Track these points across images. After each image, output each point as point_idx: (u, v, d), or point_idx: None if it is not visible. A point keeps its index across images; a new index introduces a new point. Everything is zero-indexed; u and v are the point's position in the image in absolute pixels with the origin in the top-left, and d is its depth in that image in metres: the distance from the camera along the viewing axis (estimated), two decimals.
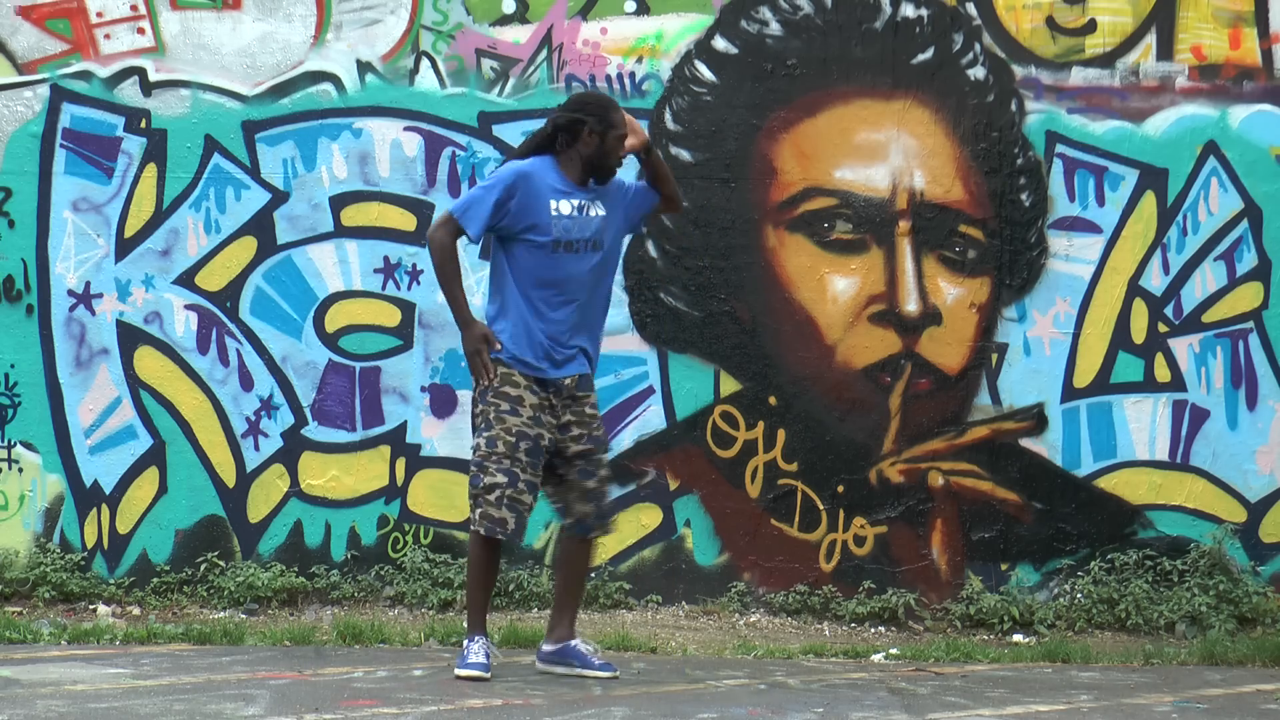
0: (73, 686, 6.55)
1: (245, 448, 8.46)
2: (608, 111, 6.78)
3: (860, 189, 8.44)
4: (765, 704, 6.50)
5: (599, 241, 6.79)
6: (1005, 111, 8.46)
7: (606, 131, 6.75)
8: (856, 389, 8.46)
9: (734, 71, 8.46)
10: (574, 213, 6.74)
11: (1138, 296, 8.49)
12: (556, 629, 6.99)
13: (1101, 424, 8.49)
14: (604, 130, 6.75)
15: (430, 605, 8.29)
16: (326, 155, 8.46)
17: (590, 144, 6.75)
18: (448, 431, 8.46)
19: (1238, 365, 8.49)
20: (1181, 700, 6.81)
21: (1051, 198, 8.47)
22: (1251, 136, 8.48)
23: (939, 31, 8.44)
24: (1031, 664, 7.66)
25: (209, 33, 8.45)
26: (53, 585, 8.29)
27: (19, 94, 8.43)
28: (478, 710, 6.26)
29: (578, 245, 6.74)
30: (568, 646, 6.95)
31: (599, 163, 6.78)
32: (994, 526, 8.47)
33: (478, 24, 8.47)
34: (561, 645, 6.96)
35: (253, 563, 8.43)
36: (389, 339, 8.49)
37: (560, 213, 6.72)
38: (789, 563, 8.45)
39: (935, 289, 8.45)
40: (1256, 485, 8.50)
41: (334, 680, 6.81)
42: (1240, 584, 8.31)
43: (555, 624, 7.01)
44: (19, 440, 8.44)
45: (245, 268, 8.46)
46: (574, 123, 6.75)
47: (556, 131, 6.79)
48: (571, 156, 6.78)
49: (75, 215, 8.43)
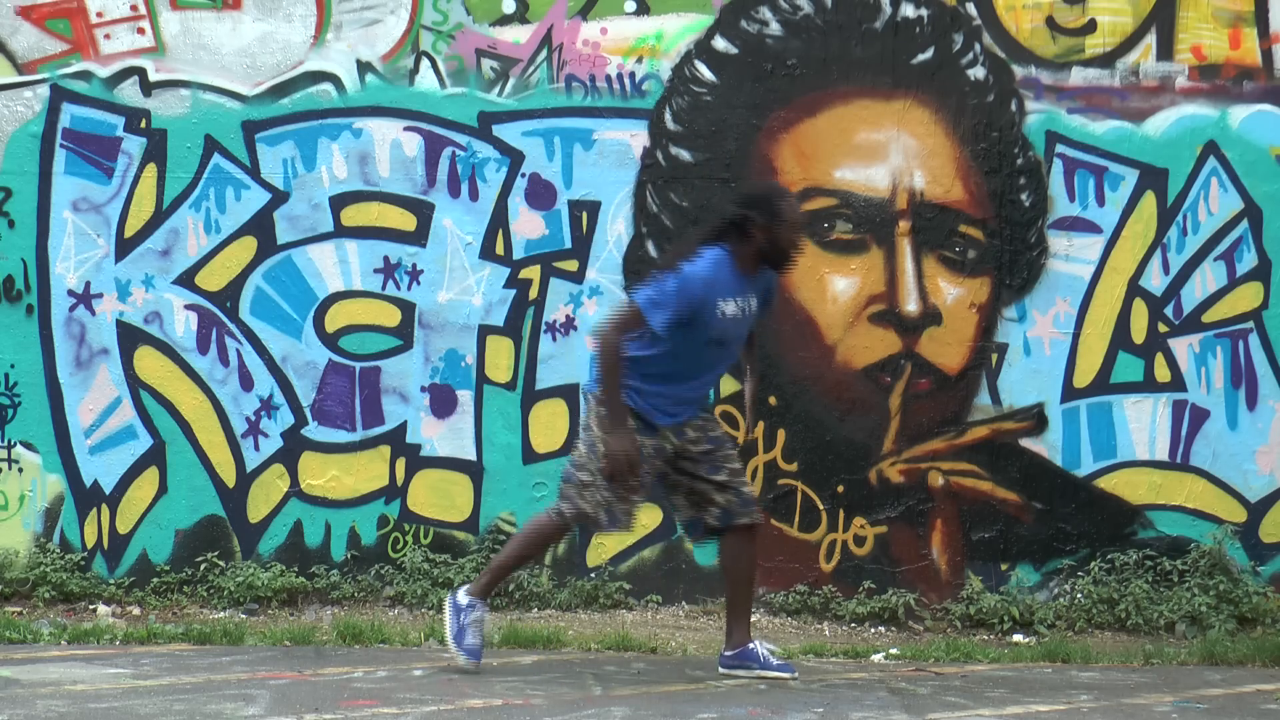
0: (73, 686, 6.56)
1: (245, 448, 8.46)
2: (776, 204, 6.79)
3: (860, 189, 8.44)
4: (765, 704, 6.50)
5: (742, 337, 6.97)
6: (1005, 111, 8.46)
7: (776, 226, 6.76)
8: (856, 389, 8.46)
9: (734, 71, 8.46)
10: (736, 313, 6.82)
11: (1138, 296, 8.49)
12: (734, 634, 7.03)
13: (1101, 424, 8.49)
14: (773, 224, 6.76)
15: (430, 605, 8.29)
16: (326, 155, 8.46)
17: (760, 238, 6.78)
18: (447, 431, 8.46)
19: (1238, 365, 8.49)
20: (1181, 700, 6.81)
21: (1051, 198, 8.47)
22: (1251, 136, 8.47)
23: (939, 31, 8.44)
24: (1031, 664, 7.66)
25: (209, 33, 8.45)
26: (53, 585, 8.29)
27: (19, 94, 8.43)
28: (478, 710, 6.26)
29: (729, 339, 6.86)
30: (746, 650, 6.99)
31: (773, 257, 6.83)
32: (994, 526, 8.47)
33: (478, 24, 8.47)
34: (739, 649, 7.00)
35: (253, 563, 8.43)
36: (389, 339, 8.49)
37: (724, 314, 6.78)
38: (789, 563, 8.45)
39: (935, 289, 8.46)
40: (1256, 485, 8.50)
41: (334, 680, 6.81)
42: (1240, 584, 8.31)
43: (731, 629, 7.05)
44: (19, 440, 8.44)
45: (245, 268, 8.46)
46: (743, 219, 6.77)
47: (729, 226, 6.81)
48: (743, 251, 6.80)
49: (75, 215, 8.43)
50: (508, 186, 8.45)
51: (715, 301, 6.74)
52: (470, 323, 8.46)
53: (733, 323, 6.82)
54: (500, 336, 8.47)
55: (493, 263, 8.43)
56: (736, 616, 7.02)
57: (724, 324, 6.79)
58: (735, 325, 6.85)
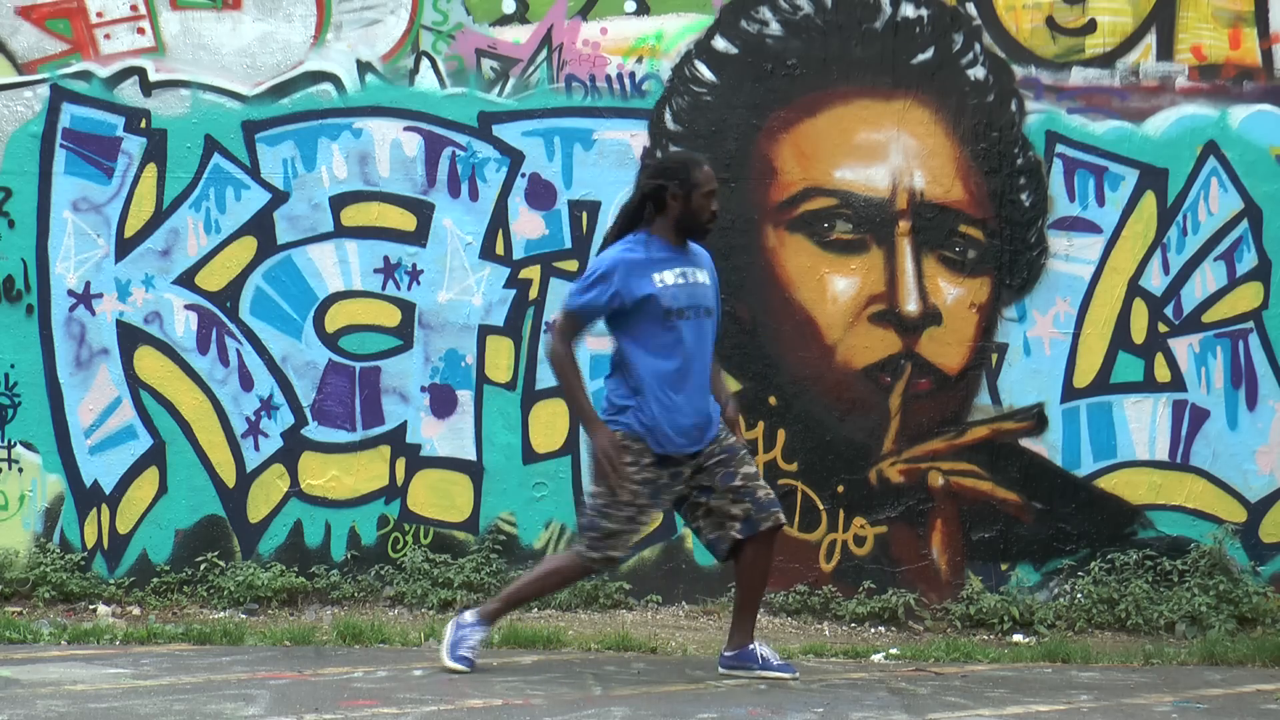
0: (73, 686, 6.56)
1: (245, 448, 8.46)
2: (689, 171, 6.80)
3: (860, 189, 8.44)
4: (765, 704, 6.50)
5: (710, 309, 6.89)
6: (1005, 111, 8.46)
7: (691, 192, 6.77)
8: (856, 389, 8.46)
9: (734, 71, 8.46)
10: (680, 280, 6.79)
11: (1138, 296, 8.49)
12: (735, 634, 7.03)
13: (1101, 424, 8.49)
14: (687, 191, 6.77)
15: (430, 605, 8.29)
16: (326, 155, 8.46)
17: (676, 207, 6.78)
18: (447, 431, 8.46)
19: (1238, 365, 8.49)
20: (1181, 700, 6.81)
21: (1051, 198, 8.47)
22: (1251, 136, 8.47)
23: (939, 31, 8.44)
24: (1031, 664, 7.66)
25: (209, 33, 8.45)
26: (53, 585, 8.29)
27: (19, 94, 8.43)
28: (478, 710, 6.26)
29: (688, 312, 6.79)
30: (745, 650, 6.99)
31: (690, 224, 6.81)
32: (994, 526, 8.47)
33: (478, 24, 8.47)
34: (739, 650, 7.00)
35: (253, 563, 8.43)
36: (389, 339, 8.49)
37: (665, 283, 6.76)
38: (789, 563, 8.45)
39: (935, 289, 8.46)
40: (1256, 485, 8.50)
41: (334, 680, 6.81)
42: (1240, 584, 8.31)
43: (734, 629, 7.05)
44: (19, 440, 8.44)
45: (245, 268, 8.46)
46: (657, 189, 6.78)
47: (644, 200, 6.82)
48: (663, 224, 6.81)
49: (75, 215, 8.43)
50: (508, 186, 8.45)
51: (648, 274, 6.72)
52: (470, 323, 8.46)
53: (681, 290, 6.77)
54: (500, 336, 8.47)
55: (493, 263, 8.43)
56: (742, 618, 7.02)
57: (672, 292, 6.74)
58: (688, 294, 6.78)
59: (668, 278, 6.75)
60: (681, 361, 6.77)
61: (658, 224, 6.82)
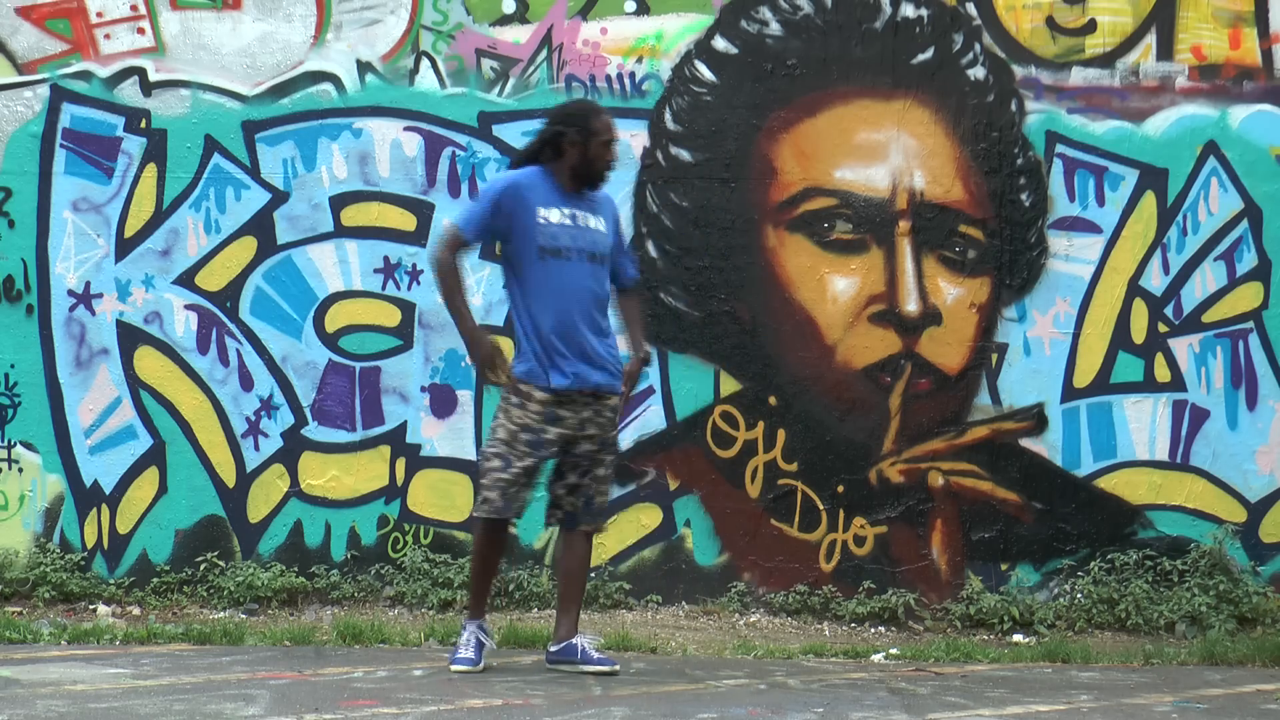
0: (73, 686, 6.55)
1: (245, 448, 8.46)
2: (588, 119, 6.90)
3: (860, 189, 8.44)
4: (765, 704, 6.50)
5: (598, 255, 6.91)
6: (1005, 111, 8.46)
7: (588, 140, 6.86)
8: (856, 389, 8.46)
9: (734, 71, 8.46)
10: (565, 221, 6.84)
11: (1138, 296, 8.50)
12: (559, 629, 7.04)
13: (1101, 424, 8.49)
14: (585, 139, 6.86)
15: (430, 605, 8.29)
16: (326, 155, 8.46)
17: (573, 154, 6.86)
18: (448, 431, 8.46)
19: (1238, 365, 8.49)
20: (1181, 700, 6.80)
21: (1051, 198, 8.47)
22: (1251, 136, 8.48)
23: (939, 31, 8.44)
24: (1031, 664, 7.66)
25: (209, 33, 8.45)
26: (53, 585, 8.29)
27: (19, 94, 8.43)
28: (478, 710, 6.26)
29: (568, 253, 6.83)
30: (568, 645, 6.98)
31: (585, 170, 6.90)
32: (994, 526, 8.47)
33: (478, 24, 8.48)
34: (563, 644, 6.99)
35: (253, 563, 8.43)
36: (389, 339, 8.49)
37: (548, 220, 6.81)
38: (789, 563, 8.45)
39: (935, 289, 8.46)
40: (1256, 485, 8.50)
41: (334, 680, 6.81)
42: (1240, 584, 8.31)
43: (557, 624, 7.07)
44: (19, 440, 8.44)
45: (245, 268, 8.46)
46: (556, 135, 6.90)
47: (543, 145, 6.92)
48: (560, 167, 6.90)
49: (75, 215, 8.43)
50: None
51: (532, 208, 6.79)
52: None
53: (563, 231, 6.82)
54: (500, 337, 8.45)
55: (493, 263, 8.42)
56: (563, 611, 7.04)
57: (552, 230, 6.80)
58: (571, 236, 6.83)
59: (552, 216, 6.84)
60: (556, 300, 6.81)
61: (554, 167, 6.91)
